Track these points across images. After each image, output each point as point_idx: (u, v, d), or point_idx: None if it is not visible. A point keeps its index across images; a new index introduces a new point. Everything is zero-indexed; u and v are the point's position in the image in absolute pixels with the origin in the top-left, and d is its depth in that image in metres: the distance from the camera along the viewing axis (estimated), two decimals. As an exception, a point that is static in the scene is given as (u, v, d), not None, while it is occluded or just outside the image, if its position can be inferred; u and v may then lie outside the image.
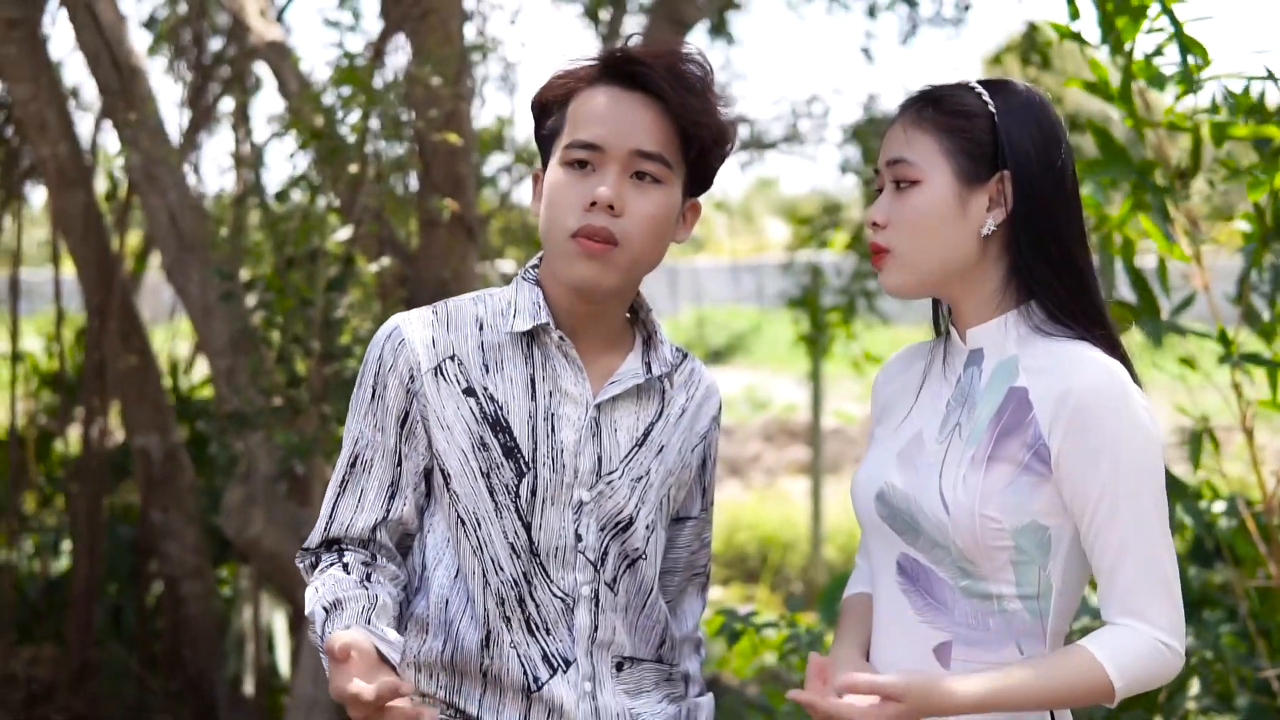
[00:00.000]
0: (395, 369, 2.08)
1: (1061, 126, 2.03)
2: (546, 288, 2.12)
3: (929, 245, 1.99)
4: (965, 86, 2.02)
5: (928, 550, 1.98)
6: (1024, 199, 1.97)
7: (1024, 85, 2.06)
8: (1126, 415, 1.90)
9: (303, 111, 4.33)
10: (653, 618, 2.18)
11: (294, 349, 4.35)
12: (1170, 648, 1.90)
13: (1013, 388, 1.96)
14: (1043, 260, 1.97)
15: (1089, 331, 1.96)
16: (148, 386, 5.52)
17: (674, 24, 5.68)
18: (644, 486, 2.12)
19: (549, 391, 2.09)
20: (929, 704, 1.87)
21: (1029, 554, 1.94)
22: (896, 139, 2.03)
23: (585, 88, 2.09)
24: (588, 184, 2.05)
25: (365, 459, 2.10)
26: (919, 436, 2.03)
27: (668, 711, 2.19)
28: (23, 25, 4.65)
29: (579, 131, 2.07)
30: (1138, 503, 1.90)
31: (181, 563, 5.56)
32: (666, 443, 2.16)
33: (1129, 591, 1.91)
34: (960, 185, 1.97)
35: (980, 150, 1.97)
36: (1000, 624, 1.96)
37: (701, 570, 2.31)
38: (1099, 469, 1.89)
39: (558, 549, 2.08)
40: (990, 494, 1.93)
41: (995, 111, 1.98)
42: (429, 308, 2.14)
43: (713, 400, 2.26)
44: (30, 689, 5.46)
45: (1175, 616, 1.91)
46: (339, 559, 2.10)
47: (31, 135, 4.89)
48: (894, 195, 2.01)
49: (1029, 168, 1.97)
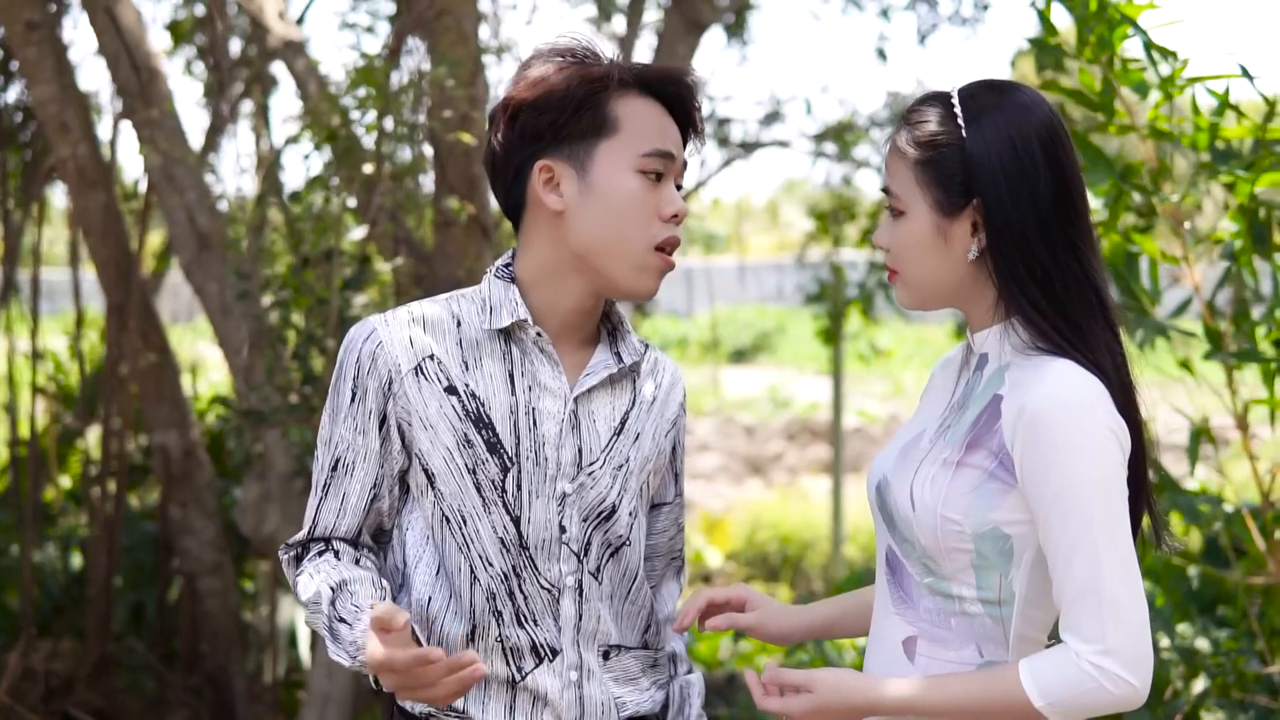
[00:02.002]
0: (375, 372, 2.09)
1: (1050, 138, 1.97)
2: (532, 287, 2.13)
3: (924, 270, 2.02)
4: (943, 106, 2.00)
5: (900, 544, 2.02)
6: (992, 227, 1.96)
7: (1016, 93, 2.02)
8: (1078, 431, 1.87)
9: (319, 112, 4.37)
10: (638, 604, 2.21)
11: (310, 347, 4.39)
12: (1104, 670, 1.85)
13: (995, 394, 1.98)
14: (1016, 283, 1.96)
15: (1068, 347, 1.95)
16: (166, 384, 5.56)
17: (690, 25, 5.68)
18: (625, 474, 2.16)
19: (528, 386, 2.11)
20: (844, 697, 1.94)
21: (989, 559, 1.95)
22: (886, 166, 2.05)
23: (618, 92, 2.08)
24: (660, 194, 2.09)
25: (347, 462, 2.11)
26: (921, 434, 2.07)
27: (656, 698, 2.23)
28: (43, 28, 4.70)
29: (654, 141, 2.08)
30: (1084, 519, 1.87)
31: (200, 559, 5.61)
32: (642, 430, 2.20)
33: (1070, 606, 1.88)
34: (938, 216, 1.98)
35: (952, 181, 1.97)
36: (962, 625, 1.98)
37: (679, 555, 2.37)
38: (1049, 483, 1.88)
39: (544, 541, 2.10)
40: (954, 497, 1.94)
41: (966, 137, 1.96)
42: (404, 308, 2.15)
43: (678, 388, 2.30)
44: (49, 683, 5.50)
45: (1118, 640, 1.85)
46: (328, 548, 2.13)
47: (52, 136, 4.93)
48: (891, 222, 2.04)
49: (997, 194, 1.95)
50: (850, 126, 7.12)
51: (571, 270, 2.11)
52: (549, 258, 2.12)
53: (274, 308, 4.46)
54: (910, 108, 2.06)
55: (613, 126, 2.07)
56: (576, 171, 2.07)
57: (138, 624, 6.19)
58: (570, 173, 2.08)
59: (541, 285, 2.13)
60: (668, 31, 5.76)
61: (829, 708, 1.95)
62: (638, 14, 6.37)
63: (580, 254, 2.09)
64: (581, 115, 2.07)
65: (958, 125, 1.97)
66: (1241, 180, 3.03)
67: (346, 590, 2.04)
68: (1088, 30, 3.04)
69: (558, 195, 2.08)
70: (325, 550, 2.13)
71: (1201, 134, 3.07)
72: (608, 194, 2.07)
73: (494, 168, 2.14)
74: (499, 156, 2.12)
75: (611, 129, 2.07)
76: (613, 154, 2.07)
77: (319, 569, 2.09)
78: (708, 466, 13.09)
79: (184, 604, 5.77)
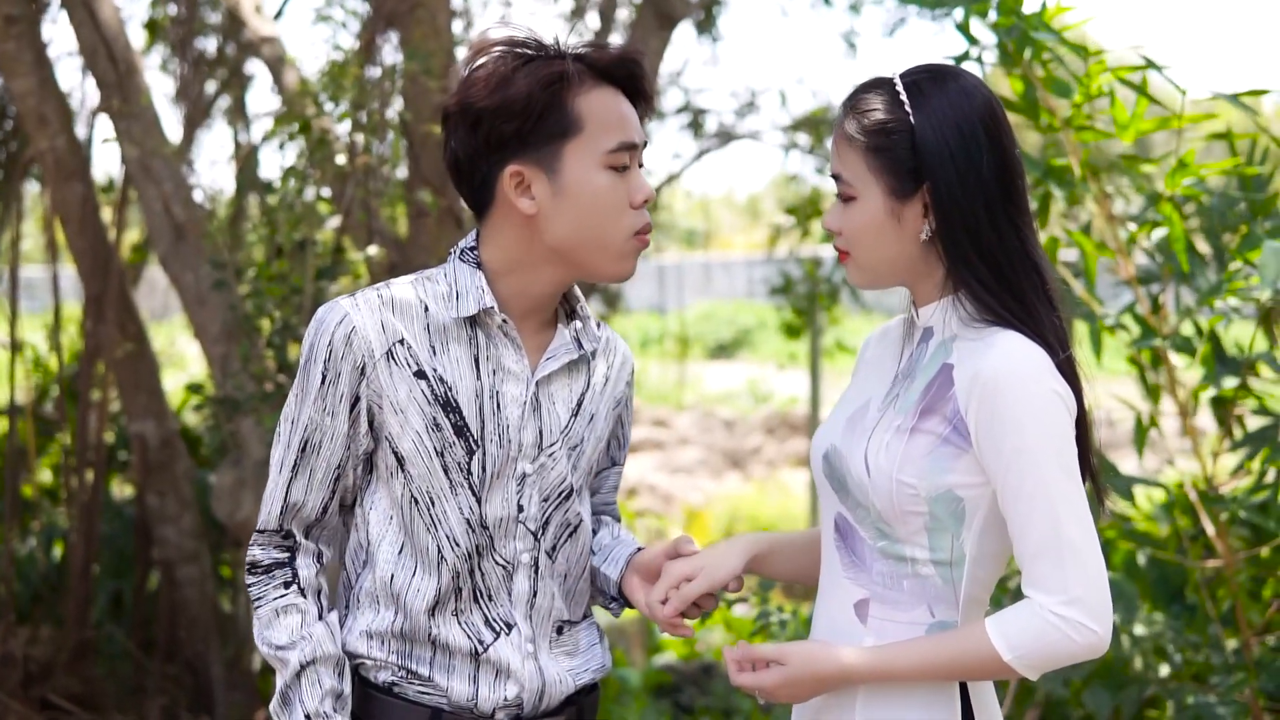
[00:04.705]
0: (349, 356, 2.11)
1: (991, 121, 2.05)
2: (500, 274, 2.17)
3: (876, 251, 2.09)
4: (889, 92, 2.07)
5: (853, 509, 2.10)
6: (942, 211, 2.03)
7: (956, 79, 2.08)
8: (1030, 396, 1.96)
9: (294, 104, 4.43)
10: (585, 579, 2.30)
11: (285, 336, 4.45)
12: (1068, 620, 1.93)
13: (945, 364, 2.06)
14: (964, 263, 2.04)
15: (1015, 321, 2.03)
16: (143, 374, 5.61)
17: (662, 19, 5.75)
18: (578, 455, 2.23)
19: (492, 370, 2.16)
20: (814, 668, 2.03)
21: (942, 521, 2.03)
22: (834, 154, 2.12)
23: (576, 88, 2.10)
24: (629, 183, 2.13)
25: (314, 442, 2.14)
26: (867, 404, 2.14)
27: (605, 662, 2.33)
28: (22, 22, 4.75)
29: (618, 134, 2.11)
30: (1041, 475, 1.95)
31: (178, 547, 5.66)
32: (596, 411, 2.27)
33: (1032, 560, 1.96)
34: (891, 201, 2.05)
35: (904, 166, 2.04)
36: (914, 586, 2.06)
37: (617, 516, 2.48)
38: (1005, 444, 1.97)
39: (502, 520, 2.17)
40: (909, 461, 2.02)
41: (915, 124, 2.03)
42: (373, 290, 2.16)
43: (628, 365, 2.37)
44: (28, 669, 5.54)
45: (1080, 590, 1.93)
46: (290, 569, 2.19)
47: (31, 129, 4.98)
48: (841, 206, 2.11)
49: (947, 178, 2.02)
50: (823, 118, 7.20)
51: (544, 262, 2.15)
52: (520, 251, 2.16)
53: (249, 297, 4.51)
54: (855, 95, 2.12)
55: (577, 126, 2.09)
56: (546, 174, 2.10)
57: (117, 611, 6.24)
58: (540, 175, 2.10)
59: (511, 274, 2.17)
60: (640, 25, 5.82)
61: (799, 679, 2.04)
62: (611, 7, 6.43)
63: (556, 249, 2.14)
64: (545, 119, 2.08)
65: (905, 112, 2.04)
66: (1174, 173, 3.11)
67: (313, 670, 2.13)
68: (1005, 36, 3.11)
69: (530, 199, 2.11)
70: (290, 579, 2.18)
71: (1123, 129, 3.14)
72: (580, 194, 2.10)
73: (458, 170, 2.16)
74: (463, 161, 2.14)
75: (576, 128, 2.09)
76: (580, 153, 2.09)
77: (289, 626, 2.15)
78: (687, 460, 13.17)
79: (162, 592, 5.82)
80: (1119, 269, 3.36)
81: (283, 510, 2.18)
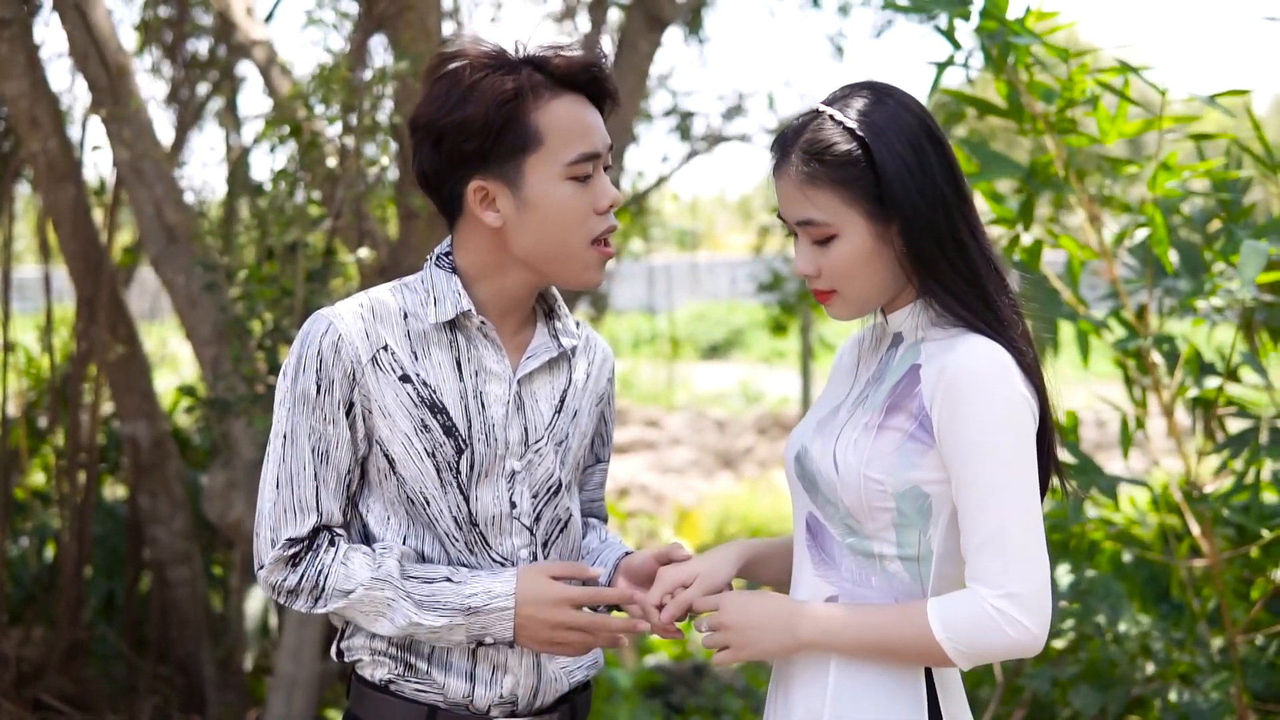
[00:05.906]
0: (339, 364, 2.14)
1: (930, 130, 2.09)
2: (475, 279, 2.20)
3: (868, 281, 2.11)
4: (832, 123, 2.08)
5: (823, 507, 2.13)
6: (909, 226, 2.06)
7: (889, 94, 2.11)
8: (992, 394, 2.00)
9: (284, 106, 4.45)
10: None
11: (275, 338, 4.47)
12: (1003, 613, 1.97)
13: (913, 365, 2.10)
14: (934, 273, 2.07)
15: (982, 325, 2.06)
16: (135, 375, 5.63)
17: (651, 21, 5.77)
18: (564, 450, 2.27)
19: (475, 372, 2.19)
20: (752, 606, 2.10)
21: (909, 517, 2.07)
22: (794, 200, 2.10)
23: (534, 101, 2.10)
24: (593, 191, 2.14)
25: (322, 451, 2.16)
26: (838, 407, 2.18)
27: (599, 661, 2.39)
28: (14, 24, 4.76)
29: (579, 145, 2.12)
30: (994, 473, 1.99)
31: (170, 548, 5.67)
32: (579, 407, 2.31)
33: (976, 552, 2.00)
34: (874, 225, 2.07)
35: (872, 192, 2.06)
36: (882, 583, 2.10)
37: (605, 514, 2.51)
38: (963, 438, 2.00)
39: (494, 517, 2.20)
40: (876, 457, 2.06)
41: (871, 147, 2.05)
42: (353, 300, 2.19)
43: (609, 363, 2.41)
44: (20, 670, 5.55)
45: (1018, 586, 1.97)
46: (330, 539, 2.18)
47: (23, 131, 5.00)
48: (815, 249, 2.11)
49: (909, 194, 2.05)
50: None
51: (514, 267, 2.19)
52: (491, 258, 2.19)
53: (240, 299, 4.54)
54: (798, 134, 2.11)
55: (537, 140, 2.10)
56: (510, 188, 2.12)
57: (109, 612, 6.25)
58: (504, 190, 2.12)
59: (485, 278, 2.20)
60: (629, 28, 5.85)
61: (745, 623, 2.09)
62: (601, 10, 6.45)
63: (523, 259, 2.17)
64: (505, 136, 2.09)
65: (859, 137, 2.06)
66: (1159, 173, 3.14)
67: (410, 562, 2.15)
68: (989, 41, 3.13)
69: (495, 213, 2.14)
70: (325, 542, 2.17)
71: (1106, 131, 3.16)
72: (543, 207, 2.12)
73: (426, 184, 2.19)
74: (429, 176, 2.16)
75: (536, 143, 2.10)
76: (541, 167, 2.11)
77: (348, 557, 2.15)
78: (679, 460, 13.19)
79: (154, 592, 5.84)
80: (1104, 271, 3.38)
81: (318, 519, 2.17)
